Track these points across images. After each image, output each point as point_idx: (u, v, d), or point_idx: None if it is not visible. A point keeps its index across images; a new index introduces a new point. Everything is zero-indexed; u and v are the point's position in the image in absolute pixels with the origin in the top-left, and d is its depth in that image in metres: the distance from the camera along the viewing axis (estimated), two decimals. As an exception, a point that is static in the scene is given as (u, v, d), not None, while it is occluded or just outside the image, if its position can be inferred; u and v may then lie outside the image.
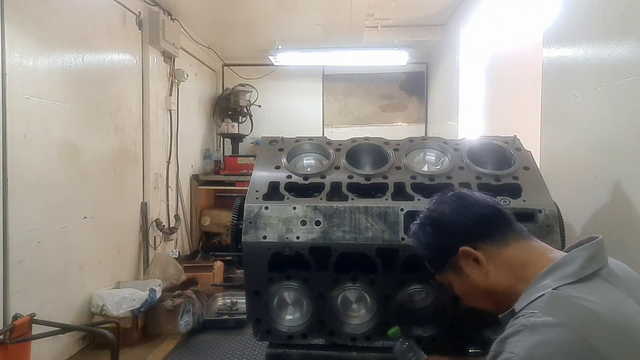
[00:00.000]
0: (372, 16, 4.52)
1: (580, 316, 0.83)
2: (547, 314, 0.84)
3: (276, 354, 1.65)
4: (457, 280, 1.10)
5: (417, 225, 1.16)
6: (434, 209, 1.14)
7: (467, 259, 1.05)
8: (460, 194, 1.14)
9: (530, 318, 0.85)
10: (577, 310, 0.84)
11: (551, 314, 0.84)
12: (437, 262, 1.14)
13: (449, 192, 1.17)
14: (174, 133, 4.50)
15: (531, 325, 0.83)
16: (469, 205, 1.09)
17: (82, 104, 3.07)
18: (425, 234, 1.13)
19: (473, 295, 1.09)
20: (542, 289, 0.90)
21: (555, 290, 0.88)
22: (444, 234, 1.09)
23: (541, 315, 0.84)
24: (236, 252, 1.62)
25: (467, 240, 1.05)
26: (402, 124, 6.24)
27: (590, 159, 1.73)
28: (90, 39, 3.15)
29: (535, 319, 0.84)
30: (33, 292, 2.59)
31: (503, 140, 1.82)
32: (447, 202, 1.12)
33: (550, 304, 0.86)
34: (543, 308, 0.86)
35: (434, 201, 1.16)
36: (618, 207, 1.55)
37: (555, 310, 0.85)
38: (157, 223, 4.09)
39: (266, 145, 1.85)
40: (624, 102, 1.51)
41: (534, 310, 0.87)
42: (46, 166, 2.72)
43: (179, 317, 3.32)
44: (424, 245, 1.14)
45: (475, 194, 1.15)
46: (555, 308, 0.85)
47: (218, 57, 5.89)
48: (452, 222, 1.08)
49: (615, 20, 1.59)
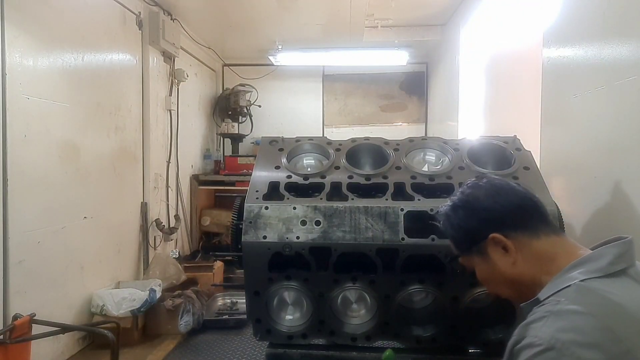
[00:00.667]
0: (372, 16, 4.52)
1: (607, 307, 0.83)
2: (574, 303, 0.84)
3: (276, 354, 1.65)
4: (481, 264, 1.10)
5: (449, 206, 1.15)
6: (469, 192, 1.12)
7: (496, 245, 1.04)
8: (496, 181, 1.13)
9: (556, 305, 0.86)
10: (604, 302, 0.84)
11: (578, 302, 0.84)
12: (464, 244, 1.13)
13: (484, 177, 1.16)
14: (174, 133, 4.50)
15: (557, 311, 0.84)
16: (505, 193, 1.08)
17: (82, 104, 3.07)
18: (457, 215, 1.12)
19: (495, 281, 1.09)
20: (569, 280, 0.90)
21: (582, 282, 0.88)
22: (476, 218, 1.08)
23: (567, 303, 0.85)
24: (236, 252, 1.62)
25: (499, 227, 1.04)
26: (402, 124, 6.24)
27: (590, 159, 1.73)
28: (90, 39, 3.15)
29: (562, 306, 0.85)
30: (33, 292, 2.59)
31: (503, 140, 1.83)
32: (483, 188, 1.11)
33: (577, 294, 0.87)
34: (570, 297, 0.86)
35: (469, 185, 1.15)
36: (618, 207, 1.55)
37: (582, 299, 0.85)
38: (157, 223, 4.09)
39: (266, 145, 1.85)
40: (624, 102, 1.51)
41: (560, 298, 0.87)
42: (46, 166, 2.71)
43: (179, 317, 3.32)
44: (454, 227, 1.13)
45: (511, 182, 1.13)
46: (583, 298, 0.85)
47: (218, 57, 5.89)
48: (485, 207, 1.07)
49: (615, 20, 1.59)
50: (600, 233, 1.62)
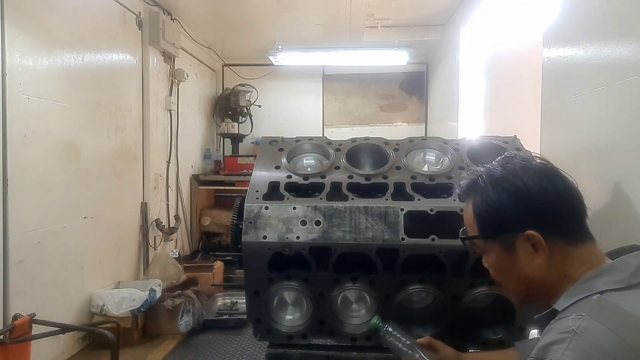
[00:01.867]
0: (372, 16, 4.52)
1: (630, 325, 0.79)
2: (596, 319, 0.79)
3: (276, 354, 1.65)
4: (500, 255, 0.99)
5: (492, 184, 0.98)
6: (520, 175, 0.96)
7: (527, 242, 0.93)
8: (552, 171, 0.98)
9: (578, 322, 0.79)
10: (627, 318, 0.79)
11: (600, 319, 0.79)
12: (492, 230, 0.99)
13: (529, 157, 1.01)
14: (174, 133, 4.50)
15: (581, 331, 0.78)
16: (561, 189, 0.94)
17: (82, 104, 3.07)
18: (498, 197, 0.96)
19: (508, 275, 1.00)
20: (588, 291, 0.85)
21: (603, 295, 0.83)
22: (520, 208, 0.94)
23: (589, 321, 0.79)
24: (236, 252, 1.62)
25: (540, 226, 0.92)
26: (402, 124, 6.24)
27: (590, 159, 1.73)
28: (90, 39, 3.15)
29: (584, 324, 0.79)
30: (33, 292, 2.59)
31: (503, 140, 1.83)
32: (537, 175, 0.95)
33: (599, 309, 0.81)
34: (591, 312, 0.81)
35: (520, 166, 0.98)
36: (618, 207, 1.55)
37: (605, 316, 0.80)
38: (157, 223, 4.09)
39: (266, 145, 1.85)
40: (624, 102, 1.51)
41: (581, 313, 0.81)
42: (46, 166, 2.72)
43: (179, 317, 3.32)
44: (488, 208, 0.98)
45: (564, 174, 0.98)
46: (605, 314, 0.80)
47: (218, 57, 5.89)
48: (534, 200, 0.93)
49: (615, 20, 1.59)
50: (600, 233, 1.62)
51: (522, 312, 1.53)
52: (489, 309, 1.62)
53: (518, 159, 1.00)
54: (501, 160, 1.02)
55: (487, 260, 1.04)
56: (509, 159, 1.01)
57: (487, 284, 1.54)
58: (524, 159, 1.00)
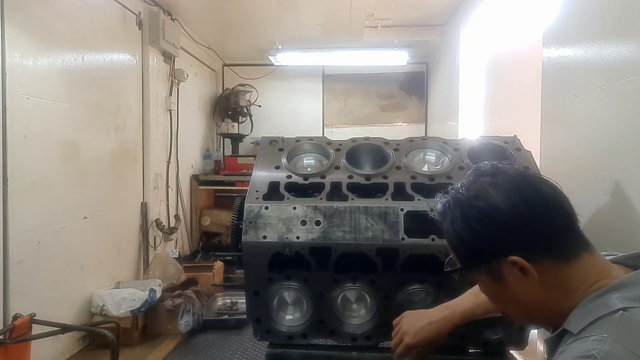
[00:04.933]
0: (372, 16, 4.52)
1: None
2: (620, 341, 0.69)
3: (276, 354, 1.65)
4: (490, 284, 0.89)
5: (460, 212, 0.87)
6: (485, 195, 0.84)
7: (512, 267, 0.83)
8: (522, 182, 0.85)
9: (599, 345, 0.70)
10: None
11: (624, 341, 0.69)
12: (471, 261, 0.89)
13: (503, 167, 0.89)
14: (174, 133, 4.50)
15: (602, 356, 0.69)
16: (535, 202, 0.82)
17: (82, 104, 3.07)
18: (468, 227, 0.85)
19: (505, 302, 0.91)
20: (606, 308, 0.75)
21: (626, 313, 0.73)
22: (493, 236, 0.84)
23: (612, 344, 0.69)
24: (236, 252, 1.62)
25: (520, 249, 0.82)
26: (402, 124, 6.24)
27: (590, 159, 1.73)
28: (90, 39, 3.15)
29: (606, 348, 0.69)
30: (33, 292, 2.59)
31: (503, 140, 1.82)
32: (506, 192, 0.84)
33: (623, 330, 0.71)
34: (614, 333, 0.71)
35: (485, 183, 0.86)
36: (618, 207, 1.55)
37: (628, 337, 0.70)
38: (157, 223, 4.09)
39: (266, 145, 1.85)
40: (624, 102, 1.51)
41: (602, 334, 0.71)
42: (46, 166, 2.72)
43: (179, 317, 3.32)
44: (460, 239, 0.88)
45: (538, 182, 0.87)
46: (628, 335, 0.70)
47: (218, 57, 5.89)
48: (508, 224, 0.82)
49: (615, 20, 1.59)
50: (600, 233, 1.62)
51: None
52: (489, 309, 1.62)
53: (485, 174, 0.89)
54: (468, 178, 0.91)
55: (481, 289, 0.96)
56: (476, 174, 0.90)
57: (487, 284, 1.54)
58: (491, 173, 0.89)
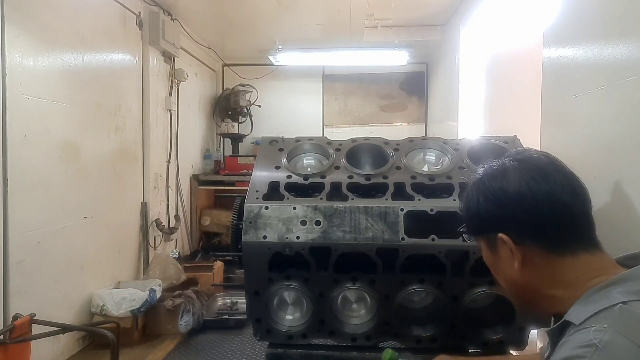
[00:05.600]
0: (372, 16, 4.52)
1: None
2: (620, 332, 0.73)
3: (276, 354, 1.65)
4: (487, 252, 1.01)
5: (474, 185, 1.00)
6: (500, 177, 0.95)
7: (504, 244, 0.92)
8: (538, 174, 0.92)
9: (600, 334, 0.73)
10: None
11: (624, 332, 0.72)
12: (472, 228, 1.03)
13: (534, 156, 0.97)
14: (174, 133, 4.50)
15: (603, 345, 0.72)
16: (540, 195, 0.89)
17: (82, 104, 3.07)
18: (477, 200, 0.98)
19: (497, 273, 1.01)
20: (607, 301, 0.78)
21: (626, 306, 0.76)
22: (492, 212, 0.94)
23: (613, 334, 0.73)
24: (236, 252, 1.62)
25: (512, 230, 0.91)
26: (402, 124, 6.24)
27: (590, 159, 1.73)
28: (90, 39, 3.15)
29: (606, 337, 0.72)
30: (33, 292, 2.59)
31: (503, 141, 1.83)
32: (519, 179, 0.92)
33: (623, 321, 0.74)
34: (614, 324, 0.74)
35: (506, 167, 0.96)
36: (618, 207, 1.55)
37: (629, 328, 0.73)
38: (157, 223, 4.09)
39: (266, 145, 1.85)
40: (624, 102, 1.51)
41: (603, 324, 0.75)
42: (46, 166, 2.72)
43: (179, 317, 3.32)
44: (469, 209, 1.01)
45: (558, 178, 0.92)
46: (629, 326, 0.73)
47: (218, 57, 5.89)
48: (508, 205, 0.92)
49: (615, 20, 1.59)
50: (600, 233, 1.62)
51: (522, 312, 1.53)
52: (489, 309, 1.62)
53: (510, 159, 0.98)
54: (493, 161, 1.01)
55: (484, 258, 1.06)
56: (508, 156, 1.00)
57: (487, 283, 1.54)
58: (520, 159, 0.97)
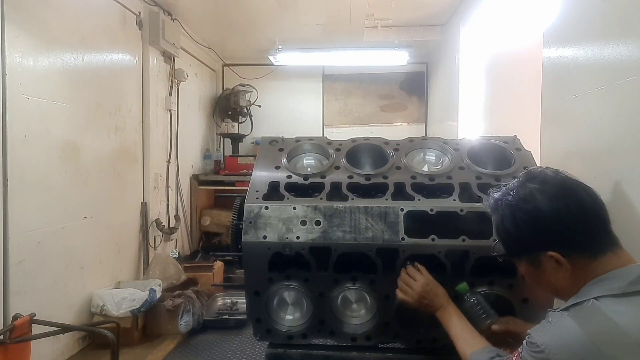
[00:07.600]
0: (372, 16, 4.52)
1: (604, 327, 0.86)
2: (575, 319, 0.90)
3: (276, 354, 1.65)
4: (528, 268, 1.08)
5: (509, 210, 1.06)
6: (532, 199, 1.02)
7: (550, 259, 1.01)
8: (565, 190, 1.02)
9: (557, 316, 0.93)
10: (604, 322, 0.87)
11: (579, 320, 0.89)
12: (515, 251, 1.10)
13: (551, 175, 1.06)
14: (174, 133, 4.50)
15: (553, 322, 0.93)
16: (575, 209, 0.99)
17: (82, 104, 3.07)
18: (515, 225, 1.04)
19: (539, 284, 1.09)
20: (586, 295, 0.93)
21: (596, 301, 0.91)
22: (536, 233, 1.02)
23: (566, 317, 0.91)
24: (236, 252, 1.62)
25: (558, 246, 1.00)
26: (402, 124, 6.24)
27: (590, 159, 1.73)
28: (90, 39, 3.15)
29: (558, 318, 0.93)
30: (33, 292, 2.59)
31: (503, 140, 1.83)
32: (551, 198, 1.00)
33: (585, 313, 0.90)
34: (574, 313, 0.92)
35: (534, 189, 1.03)
36: (618, 207, 1.55)
37: (586, 320, 0.89)
38: (157, 223, 4.09)
39: (266, 145, 1.85)
40: (624, 102, 1.51)
41: (569, 312, 0.93)
42: (46, 166, 2.71)
43: (179, 317, 3.32)
44: (508, 232, 1.08)
45: (580, 190, 1.02)
46: (588, 318, 0.89)
47: (218, 57, 5.89)
48: (550, 226, 1.00)
49: (615, 20, 1.58)
50: (600, 233, 1.61)
51: (522, 311, 1.53)
52: (489, 309, 1.62)
53: (533, 180, 1.05)
54: (519, 181, 1.08)
55: (519, 270, 1.13)
56: (526, 179, 1.07)
57: (487, 283, 1.54)
58: (541, 180, 1.05)
